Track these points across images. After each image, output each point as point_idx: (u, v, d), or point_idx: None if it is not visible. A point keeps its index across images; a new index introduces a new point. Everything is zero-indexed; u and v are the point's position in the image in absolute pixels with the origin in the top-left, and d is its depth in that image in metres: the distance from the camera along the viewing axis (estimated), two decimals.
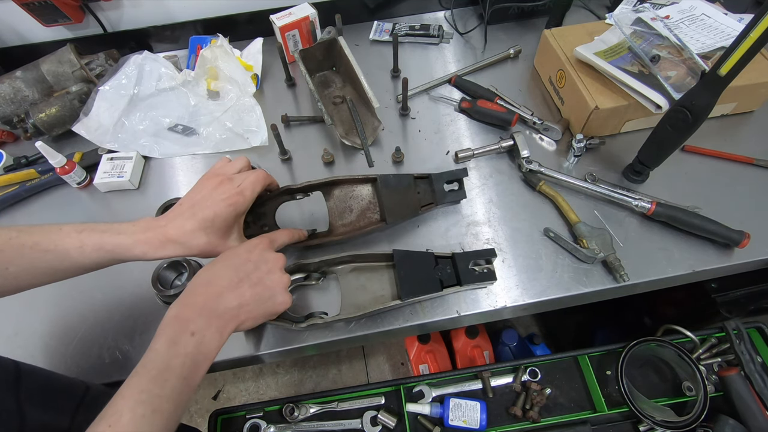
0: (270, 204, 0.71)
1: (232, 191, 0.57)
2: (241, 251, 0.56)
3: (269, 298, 0.55)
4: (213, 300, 0.50)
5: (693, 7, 0.82)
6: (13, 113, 0.86)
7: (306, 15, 0.92)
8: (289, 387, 1.58)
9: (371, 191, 0.73)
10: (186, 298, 0.50)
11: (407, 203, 0.70)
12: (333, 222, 0.72)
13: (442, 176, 0.73)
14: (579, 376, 0.74)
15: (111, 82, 0.89)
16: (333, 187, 0.73)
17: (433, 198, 0.72)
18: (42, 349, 0.67)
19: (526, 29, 1.01)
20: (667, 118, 0.65)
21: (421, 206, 0.71)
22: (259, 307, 0.54)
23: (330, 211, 0.72)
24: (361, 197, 0.73)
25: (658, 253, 0.70)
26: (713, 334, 0.75)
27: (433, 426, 0.68)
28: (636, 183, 0.77)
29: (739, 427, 0.64)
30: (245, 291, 0.53)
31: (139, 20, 0.99)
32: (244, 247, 0.57)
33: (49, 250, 0.50)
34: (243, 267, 0.54)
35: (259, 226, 0.70)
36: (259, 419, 0.69)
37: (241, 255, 0.55)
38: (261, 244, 0.58)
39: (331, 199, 0.73)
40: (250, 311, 0.53)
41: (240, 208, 0.58)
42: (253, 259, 0.55)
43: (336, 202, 0.73)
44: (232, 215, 0.57)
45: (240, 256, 0.55)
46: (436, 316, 0.67)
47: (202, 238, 0.55)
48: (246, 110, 0.88)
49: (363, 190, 0.73)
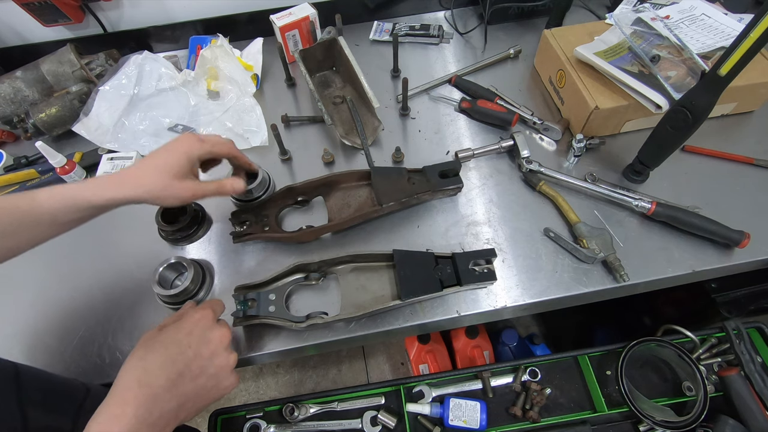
0: (272, 206, 0.73)
1: (192, 139, 0.58)
2: (179, 334, 0.49)
3: (213, 387, 0.49)
4: (146, 406, 0.42)
5: (693, 7, 0.82)
6: (13, 113, 0.86)
7: (306, 15, 0.92)
8: (289, 387, 1.57)
9: (368, 188, 0.75)
10: (114, 408, 0.42)
11: (400, 187, 0.72)
12: (332, 219, 0.73)
13: (435, 167, 0.75)
14: (579, 376, 0.73)
15: (111, 82, 0.89)
16: (332, 188, 0.75)
17: (429, 186, 0.73)
18: (42, 349, 0.67)
19: (526, 29, 1.01)
20: (667, 118, 0.65)
21: (416, 193, 0.72)
22: (202, 400, 0.48)
23: (329, 210, 0.74)
24: (358, 195, 0.74)
25: (658, 253, 0.70)
26: (713, 334, 0.75)
27: (433, 426, 0.68)
28: (636, 183, 0.77)
29: (739, 427, 0.64)
30: (185, 387, 0.46)
31: (139, 20, 0.99)
32: (183, 328, 0.50)
33: (21, 206, 0.51)
34: (181, 357, 0.47)
35: (260, 226, 0.71)
36: (259, 419, 0.69)
37: (179, 340, 0.48)
38: (202, 320, 0.51)
39: (330, 199, 0.75)
40: (190, 408, 0.47)
41: (192, 152, 0.58)
42: (194, 344, 0.49)
43: (335, 201, 0.75)
44: (185, 158, 0.57)
45: (178, 343, 0.48)
46: (436, 316, 0.67)
47: (158, 179, 0.55)
48: (246, 110, 0.88)
49: (360, 189, 0.75)
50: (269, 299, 0.66)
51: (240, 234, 0.71)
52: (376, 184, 0.71)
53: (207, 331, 0.51)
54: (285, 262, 0.68)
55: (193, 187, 0.58)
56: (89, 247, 0.76)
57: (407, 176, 0.74)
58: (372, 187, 0.73)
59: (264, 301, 0.66)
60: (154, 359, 0.46)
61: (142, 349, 0.47)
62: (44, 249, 0.75)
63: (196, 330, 0.50)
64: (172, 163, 0.56)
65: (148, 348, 0.47)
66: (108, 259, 0.75)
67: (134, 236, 0.76)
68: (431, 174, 0.74)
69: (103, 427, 0.40)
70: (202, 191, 0.59)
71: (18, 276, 0.74)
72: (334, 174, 0.74)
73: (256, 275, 0.70)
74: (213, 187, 0.61)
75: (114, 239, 0.77)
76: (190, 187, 0.57)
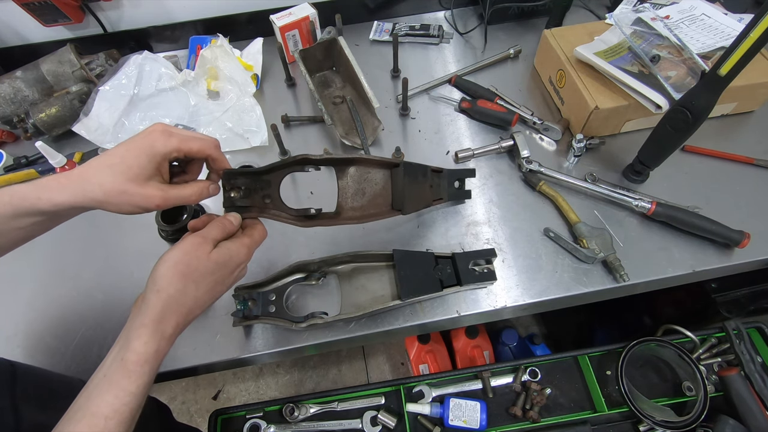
0: (277, 172, 0.59)
1: (157, 133, 0.47)
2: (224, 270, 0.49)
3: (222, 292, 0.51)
4: (186, 325, 0.46)
5: (693, 7, 0.82)
6: (13, 113, 0.86)
7: (306, 15, 0.92)
8: (289, 387, 1.57)
9: (386, 177, 0.66)
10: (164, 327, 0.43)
11: (423, 194, 0.68)
12: (342, 203, 0.63)
13: (453, 173, 0.74)
14: (579, 376, 0.73)
15: (111, 82, 0.89)
16: (348, 166, 0.64)
17: (443, 193, 0.72)
18: (42, 349, 0.67)
19: (526, 29, 1.01)
20: (667, 118, 0.65)
21: (434, 200, 0.70)
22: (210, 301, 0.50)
23: (341, 191, 0.64)
24: (375, 182, 0.66)
25: (658, 253, 0.70)
26: (713, 334, 0.75)
27: (433, 426, 0.68)
28: (636, 183, 0.77)
29: (739, 427, 0.64)
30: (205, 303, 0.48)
31: (139, 20, 0.99)
32: (228, 266, 0.49)
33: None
34: (219, 287, 0.49)
35: (260, 196, 0.58)
36: (259, 419, 0.69)
37: (223, 279, 0.49)
38: (245, 262, 0.52)
39: (344, 178, 0.64)
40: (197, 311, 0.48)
41: (156, 147, 0.46)
42: (229, 282, 0.51)
43: (349, 182, 0.64)
44: (145, 155, 0.46)
45: (222, 281, 0.49)
46: (436, 316, 0.67)
47: (107, 181, 0.44)
48: (246, 110, 0.88)
49: (378, 174, 0.66)
50: (269, 299, 0.66)
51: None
52: (401, 185, 0.63)
53: (242, 271, 0.52)
54: (285, 262, 0.68)
55: (159, 194, 0.47)
56: (89, 247, 0.76)
57: (430, 179, 0.69)
58: (392, 184, 0.66)
59: (264, 301, 0.66)
60: (202, 295, 0.46)
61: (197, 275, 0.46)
62: (44, 249, 0.76)
63: (237, 271, 0.51)
64: (130, 162, 0.45)
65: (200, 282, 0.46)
66: (108, 259, 0.75)
67: (134, 236, 0.76)
68: (450, 178, 0.73)
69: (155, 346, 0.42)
70: (173, 198, 0.48)
71: (18, 276, 0.74)
72: (357, 157, 0.64)
73: (256, 275, 0.70)
74: (188, 193, 0.50)
75: (114, 239, 0.77)
76: (153, 194, 0.46)
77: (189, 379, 1.61)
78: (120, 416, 0.39)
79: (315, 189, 0.79)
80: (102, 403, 0.39)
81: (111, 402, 0.39)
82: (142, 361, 0.41)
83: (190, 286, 0.45)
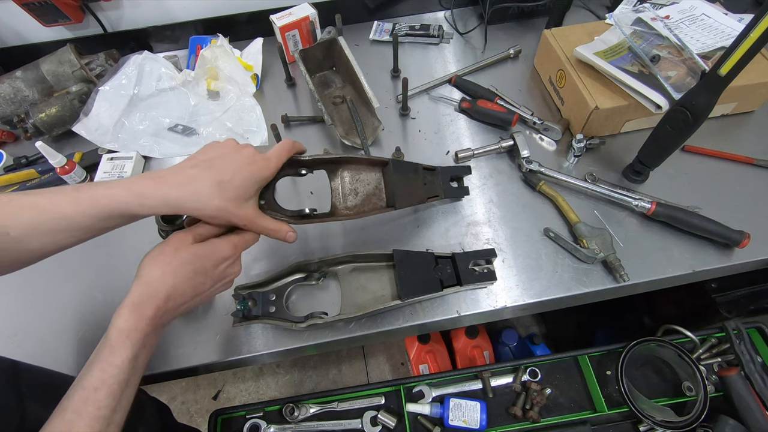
0: None
1: (257, 156, 0.50)
2: (207, 263, 0.49)
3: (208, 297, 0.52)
4: (169, 314, 0.47)
5: (693, 7, 0.82)
6: (13, 113, 0.86)
7: (306, 15, 0.92)
8: (289, 387, 1.57)
9: (378, 176, 0.68)
10: (143, 309, 0.44)
11: (415, 191, 0.69)
12: (336, 203, 0.65)
13: (447, 170, 0.74)
14: (579, 376, 0.74)
15: (111, 82, 0.89)
16: (340, 167, 0.66)
17: (439, 190, 0.72)
18: (42, 349, 0.67)
19: (526, 29, 1.01)
20: (667, 118, 0.65)
21: (428, 197, 0.71)
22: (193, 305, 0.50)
23: (333, 192, 0.65)
24: (367, 181, 0.67)
25: (658, 253, 0.70)
26: (713, 334, 0.75)
27: (433, 426, 0.68)
28: (636, 183, 0.77)
29: (739, 427, 0.64)
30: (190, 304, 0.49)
31: (139, 20, 0.99)
32: (212, 259, 0.49)
33: (45, 209, 0.44)
34: (201, 286, 0.49)
35: None
36: (259, 419, 0.70)
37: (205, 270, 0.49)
38: (231, 257, 0.51)
39: (336, 179, 0.66)
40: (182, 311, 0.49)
41: (263, 174, 0.50)
42: (216, 278, 0.50)
43: (341, 183, 0.66)
44: (252, 180, 0.49)
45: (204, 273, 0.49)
46: (436, 316, 0.67)
47: (216, 197, 0.46)
48: (246, 110, 0.88)
49: (370, 174, 0.67)
50: (269, 299, 0.66)
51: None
52: (392, 182, 0.64)
53: (230, 268, 0.51)
54: (285, 262, 0.68)
55: (251, 217, 0.50)
56: (89, 248, 0.76)
57: (422, 177, 0.70)
58: (385, 183, 0.67)
59: (264, 301, 0.66)
60: (180, 283, 0.46)
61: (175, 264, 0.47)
62: None
63: (222, 266, 0.50)
64: (238, 183, 0.47)
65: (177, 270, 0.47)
66: (108, 259, 0.75)
67: (134, 236, 0.76)
68: (444, 176, 0.73)
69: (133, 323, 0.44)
70: (259, 227, 0.52)
71: (18, 276, 0.74)
72: (346, 156, 0.65)
73: (256, 275, 0.70)
74: (271, 227, 0.53)
75: (114, 239, 0.76)
76: (247, 216, 0.49)
77: (189, 379, 1.61)
78: (108, 388, 0.41)
79: (315, 189, 0.79)
80: (90, 377, 0.41)
81: (98, 375, 0.41)
82: (123, 336, 0.43)
83: (168, 273, 0.46)
